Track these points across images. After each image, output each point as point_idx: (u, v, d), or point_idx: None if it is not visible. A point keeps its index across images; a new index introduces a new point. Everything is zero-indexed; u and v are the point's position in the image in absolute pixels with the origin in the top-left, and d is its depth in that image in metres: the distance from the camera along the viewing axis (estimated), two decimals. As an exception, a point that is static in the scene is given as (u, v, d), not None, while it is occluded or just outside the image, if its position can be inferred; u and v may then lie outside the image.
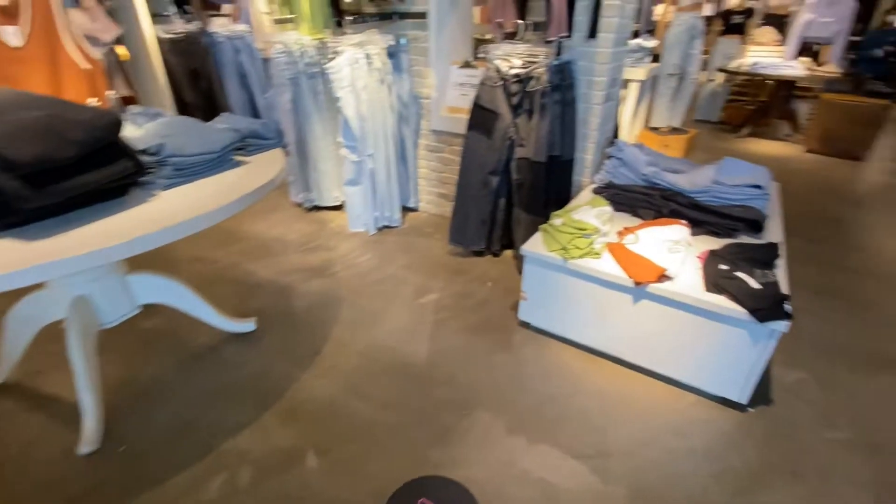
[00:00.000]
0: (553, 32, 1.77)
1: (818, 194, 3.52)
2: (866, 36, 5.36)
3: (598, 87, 2.16)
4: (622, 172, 2.28)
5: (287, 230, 2.87)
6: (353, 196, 2.73)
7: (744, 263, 1.57)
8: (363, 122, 2.47)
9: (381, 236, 2.79)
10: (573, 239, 1.69)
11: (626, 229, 1.81)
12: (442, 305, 2.11)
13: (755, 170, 2.17)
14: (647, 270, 1.53)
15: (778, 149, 4.70)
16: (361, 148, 2.55)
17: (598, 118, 2.23)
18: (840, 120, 4.26)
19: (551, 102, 1.97)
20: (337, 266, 2.45)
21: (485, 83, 2.05)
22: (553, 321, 1.85)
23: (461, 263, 2.47)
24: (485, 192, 2.29)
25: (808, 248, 2.63)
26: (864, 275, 2.40)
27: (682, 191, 2.09)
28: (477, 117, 2.13)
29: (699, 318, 1.48)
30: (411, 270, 2.41)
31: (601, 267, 1.62)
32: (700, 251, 1.70)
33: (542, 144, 2.02)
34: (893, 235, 2.87)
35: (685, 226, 1.78)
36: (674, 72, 4.12)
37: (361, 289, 2.24)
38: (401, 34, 2.60)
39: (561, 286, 1.74)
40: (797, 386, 1.66)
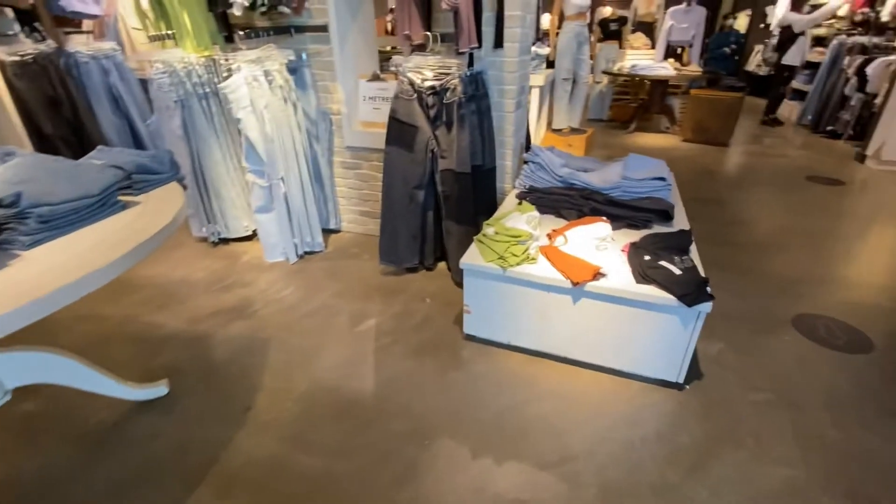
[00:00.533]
0: (464, 44, 1.77)
1: (698, 178, 3.98)
2: (712, 38, 6.24)
3: (510, 95, 2.21)
4: (540, 176, 2.36)
5: (193, 269, 2.55)
6: (266, 224, 2.50)
7: (664, 252, 1.69)
8: (269, 143, 2.28)
9: (304, 264, 2.60)
10: (509, 247, 1.69)
11: (555, 231, 1.86)
12: (382, 330, 2.00)
13: (654, 163, 2.37)
14: (582, 270, 1.58)
15: (660, 140, 5.26)
16: (270, 171, 2.34)
17: (512, 125, 2.29)
18: (706, 112, 4.88)
19: (468, 113, 1.97)
20: (257, 303, 2.22)
21: (399, 96, 1.99)
22: (499, 330, 1.84)
23: (396, 282, 2.38)
24: (412, 206, 2.22)
25: (699, 228, 2.95)
26: (746, 247, 2.74)
27: (596, 188, 2.21)
28: (395, 131, 2.06)
29: (634, 310, 1.55)
30: (343, 297, 2.26)
31: (539, 272, 1.64)
32: (622, 244, 1.80)
33: (464, 155, 2.01)
34: (762, 209, 3.32)
35: (606, 222, 1.88)
36: (567, 76, 4.42)
37: (290, 325, 2.05)
38: (300, 49, 2.45)
39: (503, 295, 1.73)
40: (720, 356, 1.82)
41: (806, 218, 3.14)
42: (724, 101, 4.78)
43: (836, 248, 2.73)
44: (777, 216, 3.19)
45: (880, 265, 2.54)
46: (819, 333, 1.95)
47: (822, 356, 1.83)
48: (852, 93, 4.87)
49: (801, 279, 2.39)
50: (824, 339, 1.92)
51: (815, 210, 3.29)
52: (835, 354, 1.84)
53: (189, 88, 2.41)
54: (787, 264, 2.53)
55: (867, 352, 1.86)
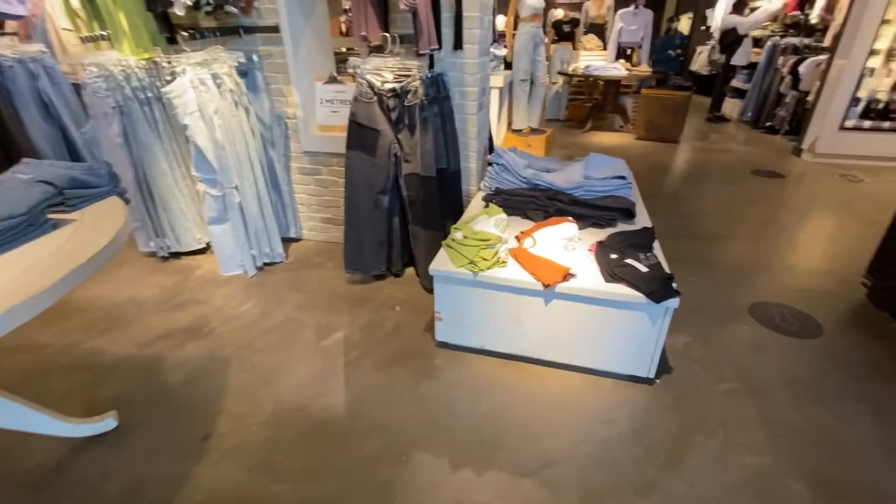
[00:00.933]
0: (424, 45, 1.73)
1: (654, 175, 4.13)
2: (658, 41, 6.48)
3: (471, 96, 2.19)
4: (505, 178, 2.35)
5: (141, 288, 2.37)
6: (220, 236, 2.36)
7: (629, 250, 1.71)
8: (220, 150, 2.15)
9: (264, 276, 2.47)
10: (479, 251, 1.67)
11: (523, 233, 1.85)
12: (350, 343, 1.92)
13: (614, 162, 2.42)
14: (552, 272, 1.57)
15: (615, 139, 5.42)
16: (223, 180, 2.21)
17: (475, 127, 2.27)
18: (657, 111, 5.07)
19: (431, 115, 1.93)
20: (214, 321, 2.08)
21: (359, 99, 1.92)
22: (471, 336, 1.81)
23: (363, 291, 2.30)
24: (377, 212, 2.16)
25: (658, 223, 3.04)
26: (703, 239, 2.85)
27: (560, 189, 2.23)
28: (356, 135, 1.99)
29: (604, 308, 1.56)
30: (307, 309, 2.16)
31: (510, 275, 1.62)
32: (589, 244, 1.81)
33: (429, 158, 1.96)
34: (714, 203, 3.48)
35: (572, 222, 1.89)
36: (525, 77, 4.47)
37: (251, 343, 1.94)
38: (251, 50, 2.33)
39: (474, 300, 1.70)
40: (686, 349, 1.87)
41: (754, 209, 3.31)
42: (673, 100, 4.99)
43: (783, 238, 2.88)
44: (728, 209, 3.34)
45: (822, 252, 2.71)
46: (774, 321, 2.05)
47: (779, 343, 1.92)
48: (787, 90, 5.20)
49: (754, 268, 2.50)
50: (779, 326, 2.01)
51: (761, 202, 3.47)
52: (790, 341, 1.93)
53: (128, 93, 2.24)
54: (741, 255, 2.65)
55: (817, 336, 1.97)
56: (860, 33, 3.95)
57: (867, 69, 4.05)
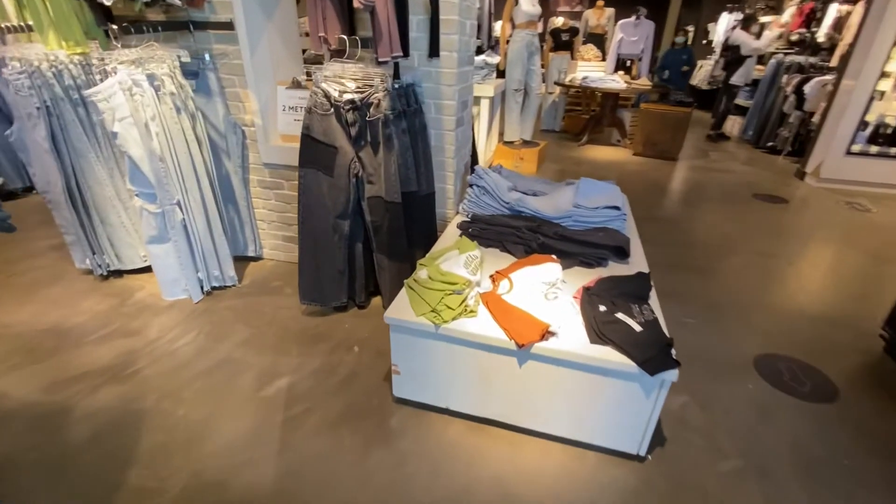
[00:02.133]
0: (384, 52, 1.46)
1: (650, 195, 3.89)
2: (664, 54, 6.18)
3: (448, 110, 1.93)
4: (485, 202, 2.10)
5: (69, 313, 2.09)
6: (161, 257, 2.08)
7: (621, 300, 1.45)
8: (159, 162, 1.87)
9: (211, 302, 2.19)
10: (443, 297, 1.40)
11: (499, 273, 1.59)
12: (295, 394, 1.65)
13: (608, 189, 2.17)
14: (529, 328, 1.31)
15: (611, 153, 5.19)
16: (162, 195, 1.94)
17: (452, 145, 2.01)
18: (656, 126, 4.85)
19: (397, 132, 1.67)
20: (141, 360, 1.80)
21: (313, 111, 1.65)
22: (434, 394, 1.54)
23: (319, 325, 2.03)
24: (336, 238, 1.89)
25: (653, 251, 2.80)
26: (702, 272, 2.61)
27: (546, 217, 1.98)
28: (311, 152, 1.73)
29: (588, 375, 1.30)
30: (253, 347, 1.89)
31: (479, 328, 1.36)
32: (575, 289, 1.56)
33: (393, 182, 1.70)
34: (714, 229, 3.24)
35: (556, 262, 1.63)
36: (518, 87, 4.23)
37: (177, 390, 1.66)
38: (203, 48, 2.06)
39: (437, 354, 1.44)
40: (683, 412, 1.61)
41: (756, 239, 3.08)
42: (673, 116, 4.77)
43: (789, 275, 2.65)
44: (729, 237, 3.10)
45: (832, 293, 2.47)
46: (783, 379, 1.80)
47: (788, 407, 1.67)
48: (791, 110, 5.00)
49: (759, 310, 2.26)
50: (788, 385, 1.77)
51: (764, 230, 3.24)
52: (800, 405, 1.68)
53: (59, 92, 1.96)
54: (744, 293, 2.41)
55: (831, 400, 1.72)
56: (871, 54, 3.75)
57: (877, 92, 3.85)
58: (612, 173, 4.45)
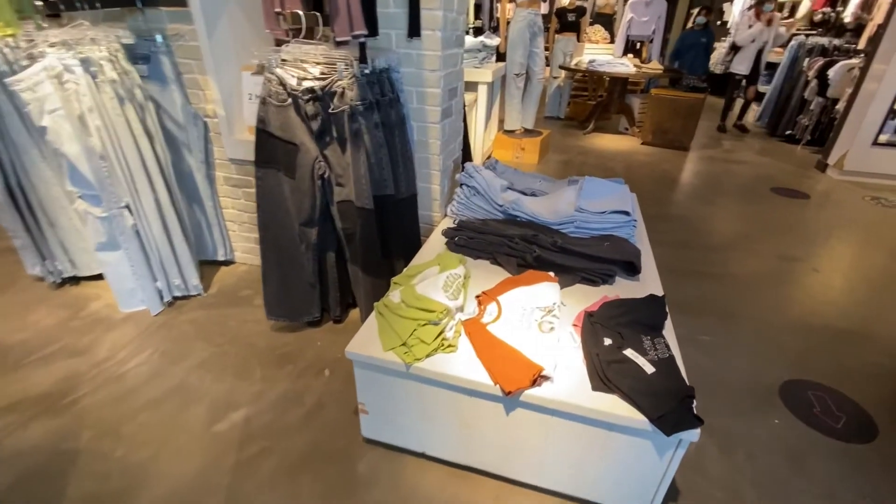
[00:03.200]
0: (342, 30, 1.19)
1: (660, 189, 3.62)
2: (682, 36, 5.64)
3: (432, 100, 1.67)
4: (477, 204, 1.85)
5: (14, 326, 1.88)
6: (113, 265, 1.86)
7: (629, 331, 1.22)
8: (99, 161, 1.64)
9: (172, 314, 1.98)
10: (416, 329, 1.17)
11: (486, 295, 1.36)
12: (252, 430, 1.44)
13: (615, 189, 1.91)
14: (518, 371, 1.08)
15: (618, 142, 4.90)
16: (106, 198, 1.71)
17: (438, 139, 1.76)
18: (667, 114, 4.54)
19: (368, 126, 1.41)
20: (84, 385, 1.59)
21: (268, 101, 1.40)
22: (408, 436, 1.32)
23: (288, 343, 1.81)
24: (302, 248, 1.66)
25: (663, 254, 2.55)
26: (719, 280, 2.36)
27: (544, 222, 1.73)
28: (267, 149, 1.48)
29: (590, 428, 1.08)
30: (211, 370, 1.68)
31: (458, 368, 1.13)
32: (575, 313, 1.32)
33: (363, 185, 1.46)
34: (730, 228, 2.98)
35: (554, 282, 1.39)
36: (520, 71, 3.93)
37: (120, 425, 1.45)
38: (154, 29, 1.80)
39: (410, 395, 1.22)
40: (700, 457, 1.39)
41: (777, 240, 2.82)
42: (685, 103, 4.45)
43: (814, 284, 2.40)
44: (747, 238, 2.85)
45: (864, 307, 2.22)
46: (813, 412, 1.57)
47: (821, 449, 1.44)
48: (812, 96, 4.67)
49: (784, 326, 2.02)
50: (820, 420, 1.54)
51: (785, 230, 2.98)
52: (834, 446, 1.45)
53: (-12, 79, 1.72)
54: (766, 305, 2.17)
55: (869, 438, 1.49)
56: (906, 35, 3.42)
57: (911, 77, 3.53)
58: (619, 164, 4.18)
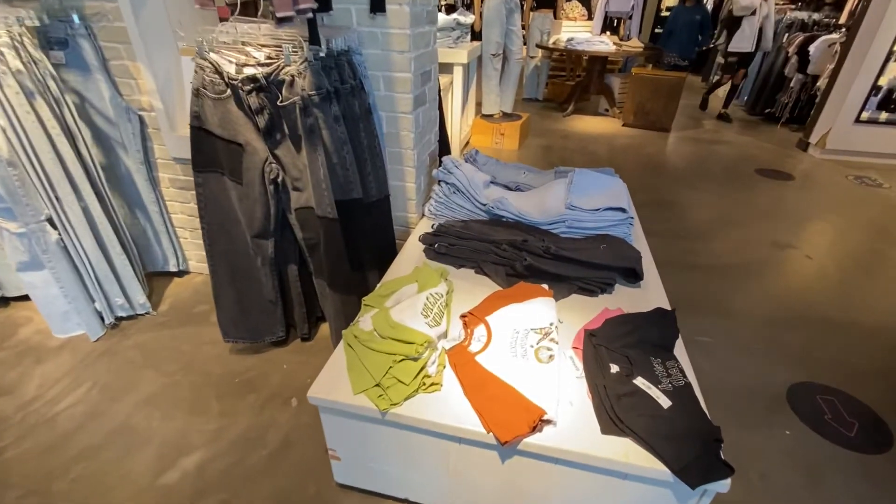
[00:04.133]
0: (282, 2, 0.97)
1: (646, 174, 3.49)
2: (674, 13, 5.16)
3: (402, 86, 1.46)
4: (457, 203, 1.66)
5: (-77, 362, 1.61)
6: (41, 287, 1.61)
7: (637, 353, 1.06)
8: (8, 168, 1.37)
9: (116, 339, 1.74)
10: (392, 366, 0.99)
11: (472, 315, 1.17)
12: (207, 480, 1.24)
13: (609, 183, 1.74)
14: (515, 416, 0.91)
15: (600, 124, 4.74)
16: (21, 212, 1.44)
17: (410, 131, 1.55)
18: (648, 94, 4.39)
19: (327, 121, 1.19)
20: (10, 432, 1.36)
21: (202, 93, 1.17)
22: (386, 482, 1.15)
23: (251, 367, 1.61)
24: (258, 262, 1.44)
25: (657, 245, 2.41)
26: (713, 272, 2.25)
27: (532, 223, 1.56)
28: (206, 150, 1.25)
29: (600, 477, 0.92)
30: (160, 406, 1.46)
31: (443, 413, 0.95)
32: (573, 332, 1.16)
33: (323, 189, 1.24)
34: (719, 214, 2.87)
35: (548, 295, 1.22)
36: (497, 51, 3.69)
37: (50, 480, 1.23)
38: (70, 6, 1.52)
39: (387, 442, 1.04)
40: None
41: (767, 226, 2.73)
42: (666, 82, 4.31)
43: (809, 272, 2.31)
44: (738, 224, 2.74)
45: (864, 296, 2.14)
46: (824, 420, 1.46)
47: (837, 462, 1.34)
48: (792, 73, 4.59)
49: (785, 322, 1.91)
50: (832, 428, 1.43)
51: (773, 214, 2.89)
52: (850, 458, 1.35)
53: None
54: (764, 299, 2.06)
55: (886, 447, 1.40)
56: (890, 9, 3.33)
57: (894, 52, 3.46)
58: (602, 147, 4.03)
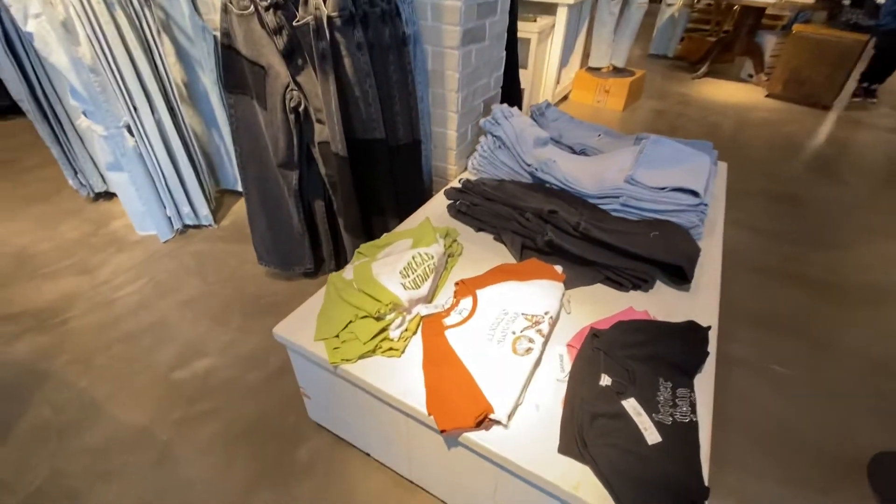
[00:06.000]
0: None
1: (777, 156, 2.85)
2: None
3: (450, 15, 1.28)
4: (500, 160, 1.49)
5: (43, 235, 1.96)
6: (122, 187, 1.82)
7: (644, 370, 0.86)
8: (90, 75, 1.51)
9: (180, 243, 1.93)
10: (353, 321, 0.92)
11: (463, 284, 1.05)
12: (210, 385, 1.34)
13: (692, 157, 1.41)
14: (461, 405, 0.80)
15: (736, 92, 3.96)
16: (102, 116, 1.61)
17: (455, 71, 1.38)
18: (809, 58, 3.51)
19: (349, 47, 1.09)
20: (78, 307, 1.60)
21: (229, 9, 1.13)
22: (351, 432, 1.13)
23: (277, 292, 1.68)
24: (285, 192, 1.45)
25: (758, 243, 1.99)
26: (819, 288, 1.78)
27: (581, 194, 1.34)
28: (236, 70, 1.23)
29: (546, 498, 0.78)
30: (194, 309, 1.60)
31: (393, 381, 0.88)
32: (577, 328, 0.98)
33: (335, 124, 1.16)
34: (858, 223, 2.25)
35: (557, 280, 1.04)
36: (617, -8, 3.18)
37: (93, 354, 1.43)
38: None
39: (343, 394, 1.00)
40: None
41: (930, 245, 2.07)
42: (836, 45, 3.39)
43: (975, 312, 1.72)
44: (881, 237, 2.13)
45: None
46: (921, 508, 1.10)
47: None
48: None
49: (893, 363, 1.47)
50: (929, 522, 1.08)
51: (948, 232, 2.18)
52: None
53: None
54: (880, 335, 1.59)
55: None
56: None
57: None
58: (729, 121, 3.37)
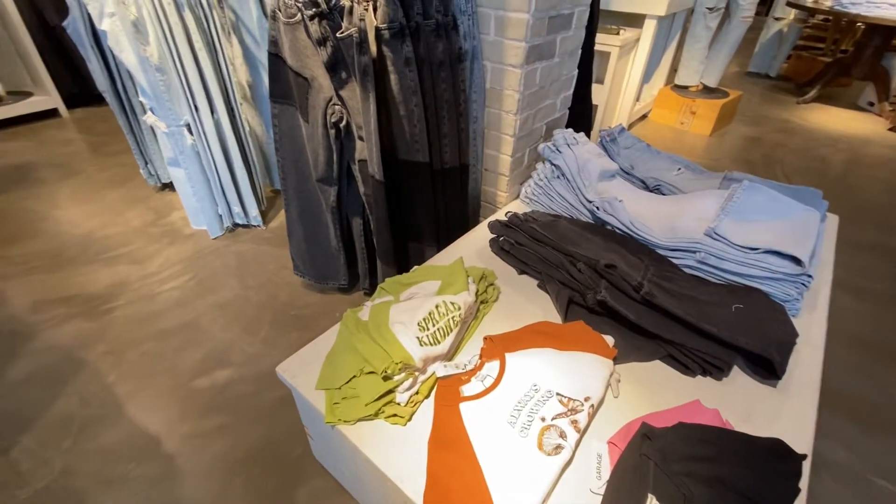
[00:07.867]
0: None
1: (894, 205, 2.39)
2: None
3: (515, 29, 1.14)
4: (557, 192, 1.32)
5: (110, 221, 2.07)
6: (180, 182, 1.87)
7: (706, 495, 0.67)
8: (156, 74, 1.54)
9: (228, 241, 1.95)
10: (358, 376, 0.81)
11: (492, 343, 0.90)
12: (225, 398, 1.30)
13: (795, 211, 1.16)
14: None
15: (851, 122, 3.43)
16: (164, 114, 1.64)
17: (516, 90, 1.23)
18: (957, 89, 2.94)
19: (396, 63, 0.99)
20: (125, 296, 1.65)
21: (278, 17, 1.06)
22: (348, 482, 1.03)
23: (309, 305, 1.63)
24: (323, 206, 1.38)
25: (867, 315, 1.64)
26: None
27: (649, 242, 1.14)
28: (281, 80, 1.17)
29: None
30: (226, 314, 1.59)
31: (390, 458, 0.75)
32: (624, 420, 0.80)
33: (375, 146, 1.06)
34: None
35: (607, 355, 0.86)
36: (717, 4, 2.85)
37: (128, 348, 1.45)
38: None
39: (341, 448, 0.89)
40: None
41: None
42: None
43: None
44: None
45: None
46: None
47: None
48: None
49: None
50: None
51: None
52: None
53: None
54: None
55: None
56: None
57: None
58: (839, 156, 2.91)
